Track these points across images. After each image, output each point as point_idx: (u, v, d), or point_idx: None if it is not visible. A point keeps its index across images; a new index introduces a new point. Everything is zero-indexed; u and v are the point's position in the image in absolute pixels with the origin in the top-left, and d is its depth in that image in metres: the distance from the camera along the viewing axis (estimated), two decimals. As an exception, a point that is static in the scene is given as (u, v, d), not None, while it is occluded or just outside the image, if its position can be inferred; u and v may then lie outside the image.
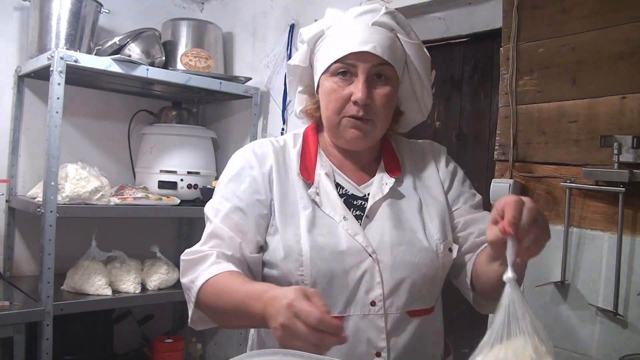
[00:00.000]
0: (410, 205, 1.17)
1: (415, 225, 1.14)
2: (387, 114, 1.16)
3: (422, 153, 1.29)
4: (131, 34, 2.30)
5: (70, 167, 2.17)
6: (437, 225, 1.15)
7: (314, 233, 1.10)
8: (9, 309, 1.89)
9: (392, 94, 1.14)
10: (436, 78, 2.38)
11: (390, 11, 1.16)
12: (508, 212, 0.87)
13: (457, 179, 1.25)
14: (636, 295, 1.43)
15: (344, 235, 1.10)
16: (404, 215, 1.15)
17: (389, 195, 1.17)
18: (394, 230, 1.12)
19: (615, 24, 1.49)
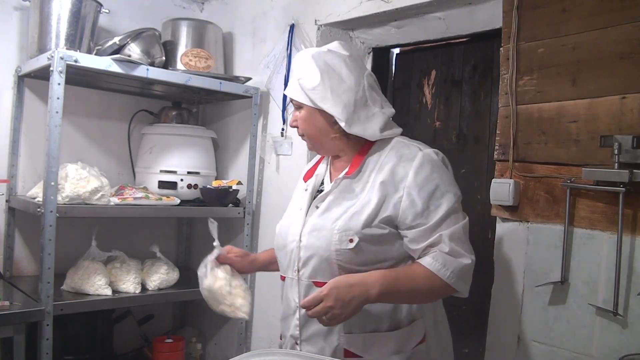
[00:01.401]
0: (346, 200, 1.43)
1: (333, 216, 1.41)
2: (310, 130, 1.49)
3: (399, 159, 1.43)
4: (131, 34, 2.30)
5: (70, 167, 2.17)
6: (347, 219, 1.39)
7: (284, 218, 1.58)
8: (9, 309, 1.89)
9: (305, 116, 1.48)
10: (436, 78, 2.38)
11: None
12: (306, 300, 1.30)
13: (421, 193, 1.38)
14: (636, 295, 1.43)
15: (294, 221, 1.51)
16: (334, 207, 1.44)
17: (336, 190, 1.46)
18: (317, 219, 1.44)
19: (615, 24, 1.49)
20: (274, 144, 2.52)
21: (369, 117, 1.45)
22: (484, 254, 2.10)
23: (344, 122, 1.42)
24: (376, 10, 2.12)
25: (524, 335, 1.66)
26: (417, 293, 1.36)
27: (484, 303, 1.82)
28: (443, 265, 1.33)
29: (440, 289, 1.35)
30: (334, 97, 1.41)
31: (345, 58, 1.47)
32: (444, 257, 1.33)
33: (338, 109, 1.41)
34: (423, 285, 1.34)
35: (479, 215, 2.16)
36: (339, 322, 1.30)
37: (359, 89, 1.45)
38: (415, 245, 1.37)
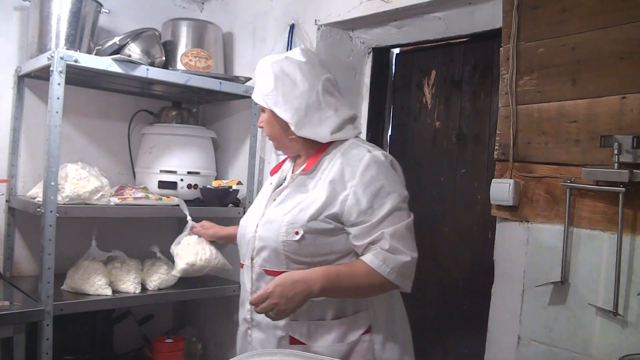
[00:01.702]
0: (299, 195, 1.53)
1: (285, 210, 1.51)
2: (271, 131, 1.60)
3: (348, 160, 1.51)
4: (131, 34, 2.30)
5: (70, 167, 2.16)
6: (296, 213, 1.48)
7: (249, 210, 1.69)
8: (9, 309, 1.89)
9: (267, 119, 1.59)
10: (436, 78, 2.38)
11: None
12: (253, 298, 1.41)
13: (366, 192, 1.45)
14: (636, 295, 1.43)
15: (254, 213, 1.62)
16: (287, 201, 1.54)
17: (292, 185, 1.57)
18: (271, 211, 1.55)
19: (615, 24, 1.50)
20: (274, 144, 2.51)
21: (321, 120, 1.53)
22: (484, 254, 2.10)
23: (293, 126, 1.51)
24: (376, 10, 2.12)
25: (524, 335, 1.66)
26: (358, 288, 1.45)
27: (484, 303, 1.82)
28: (383, 262, 1.41)
29: (381, 284, 1.44)
30: (285, 102, 1.51)
31: (302, 64, 1.56)
32: (384, 254, 1.42)
33: (288, 113, 1.51)
34: (364, 281, 1.43)
35: (479, 215, 2.16)
36: (286, 316, 1.41)
37: (312, 94, 1.53)
38: (358, 242, 1.46)
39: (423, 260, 2.35)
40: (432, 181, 2.35)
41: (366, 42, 2.51)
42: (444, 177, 2.31)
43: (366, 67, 2.55)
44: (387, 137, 2.57)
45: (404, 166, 2.45)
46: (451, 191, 2.28)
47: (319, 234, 1.47)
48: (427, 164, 2.38)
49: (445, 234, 2.28)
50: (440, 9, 2.05)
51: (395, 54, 2.57)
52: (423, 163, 2.39)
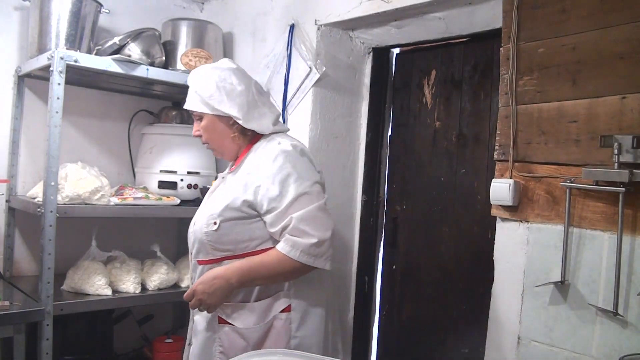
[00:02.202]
0: (225, 190, 1.68)
1: (210, 205, 1.68)
2: (212, 136, 1.74)
3: (261, 154, 1.66)
4: (131, 34, 2.30)
5: (70, 167, 2.17)
6: (217, 205, 1.65)
7: None
8: (9, 309, 1.89)
9: (206, 125, 1.72)
10: (436, 78, 2.38)
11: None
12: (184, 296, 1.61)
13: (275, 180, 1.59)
14: (636, 295, 1.43)
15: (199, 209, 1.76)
16: (217, 197, 1.69)
17: (223, 183, 1.74)
18: (203, 206, 1.74)
19: (615, 24, 1.49)
20: (274, 144, 2.52)
21: (261, 115, 1.72)
22: (484, 254, 2.10)
23: (241, 119, 1.67)
24: (376, 10, 2.12)
25: (524, 335, 1.66)
26: (276, 275, 1.59)
27: (484, 303, 1.82)
28: (292, 246, 1.54)
29: (296, 268, 1.56)
30: (229, 100, 1.67)
31: (234, 70, 1.74)
32: (293, 239, 1.55)
33: (235, 109, 1.67)
34: (278, 267, 1.57)
35: (479, 215, 2.16)
36: (214, 308, 1.60)
37: (249, 93, 1.71)
38: (273, 229, 1.59)
39: (423, 260, 2.36)
40: (432, 181, 2.35)
41: (366, 42, 2.51)
42: (444, 177, 2.31)
43: (366, 67, 2.55)
44: (387, 137, 2.57)
45: (404, 166, 2.47)
46: (451, 191, 2.28)
47: (236, 222, 1.61)
48: (427, 164, 2.38)
49: (445, 234, 2.28)
50: (440, 9, 2.05)
51: (395, 54, 2.57)
52: (423, 163, 2.39)
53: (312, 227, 1.56)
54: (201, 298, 1.57)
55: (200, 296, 1.57)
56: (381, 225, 2.58)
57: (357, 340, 2.56)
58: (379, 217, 2.58)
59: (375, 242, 2.59)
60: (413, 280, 2.40)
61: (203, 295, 1.57)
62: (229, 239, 1.63)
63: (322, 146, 2.42)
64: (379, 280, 2.58)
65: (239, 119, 1.68)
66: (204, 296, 1.57)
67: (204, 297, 1.57)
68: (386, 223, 2.55)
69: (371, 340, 2.58)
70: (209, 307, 1.59)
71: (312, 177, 1.64)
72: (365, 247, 2.56)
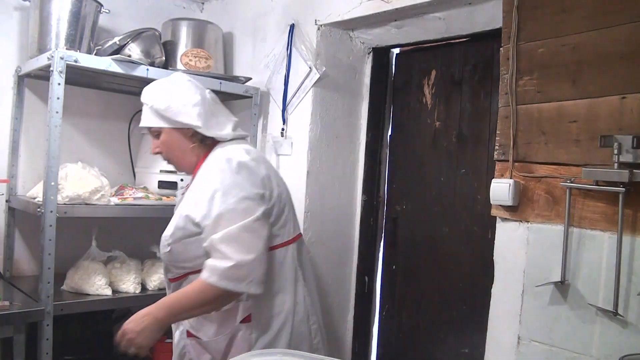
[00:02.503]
0: (179, 208, 1.67)
1: (168, 225, 1.65)
2: (171, 150, 1.71)
3: (204, 168, 1.65)
4: (131, 34, 2.30)
5: (70, 167, 2.16)
6: (170, 226, 1.64)
7: None
8: (9, 309, 1.89)
9: (165, 139, 1.70)
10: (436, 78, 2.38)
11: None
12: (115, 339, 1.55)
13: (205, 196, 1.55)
14: (636, 295, 1.43)
15: None
16: (174, 215, 1.66)
17: (181, 200, 1.74)
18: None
19: (615, 24, 1.49)
20: (274, 144, 2.52)
21: (219, 122, 1.70)
22: (484, 254, 2.10)
23: (202, 127, 1.65)
24: (376, 10, 2.12)
25: (524, 335, 1.66)
26: (200, 305, 1.53)
27: (484, 303, 1.82)
28: (210, 272, 1.48)
29: (218, 294, 1.49)
30: (187, 111, 1.65)
31: (188, 81, 1.74)
32: (211, 263, 1.49)
33: (193, 118, 1.65)
34: (201, 297, 1.51)
35: (479, 215, 2.16)
36: (145, 348, 1.53)
37: (205, 102, 1.70)
38: (205, 244, 1.54)
39: (423, 261, 2.36)
40: (432, 181, 2.35)
41: (366, 42, 2.51)
42: (444, 177, 2.31)
43: (366, 67, 2.55)
44: (387, 137, 2.58)
45: (404, 166, 2.47)
46: (451, 191, 2.28)
47: (187, 241, 1.58)
48: (427, 164, 2.38)
49: (445, 234, 2.28)
50: (440, 9, 2.05)
51: (395, 54, 2.57)
52: (423, 163, 2.39)
53: (231, 249, 1.47)
54: (130, 337, 1.51)
55: (130, 335, 1.51)
56: (381, 225, 2.58)
57: (357, 340, 2.56)
58: (379, 217, 2.58)
59: (375, 242, 2.59)
60: (413, 280, 2.40)
61: (132, 334, 1.51)
62: (185, 257, 1.61)
63: (322, 146, 2.42)
64: (379, 280, 2.58)
65: (199, 128, 1.65)
66: (132, 335, 1.51)
67: (133, 335, 1.51)
68: (386, 223, 2.55)
69: (371, 340, 2.58)
70: (140, 347, 1.53)
71: (241, 192, 1.53)
72: (365, 247, 2.56)
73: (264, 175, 1.61)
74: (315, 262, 2.41)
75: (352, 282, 2.55)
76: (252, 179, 1.58)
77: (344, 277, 2.53)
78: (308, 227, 2.38)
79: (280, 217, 1.65)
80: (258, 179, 1.59)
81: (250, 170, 1.58)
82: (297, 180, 2.40)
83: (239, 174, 1.56)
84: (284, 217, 1.66)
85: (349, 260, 2.54)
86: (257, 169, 1.60)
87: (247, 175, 1.57)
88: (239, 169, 1.57)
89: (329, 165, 2.45)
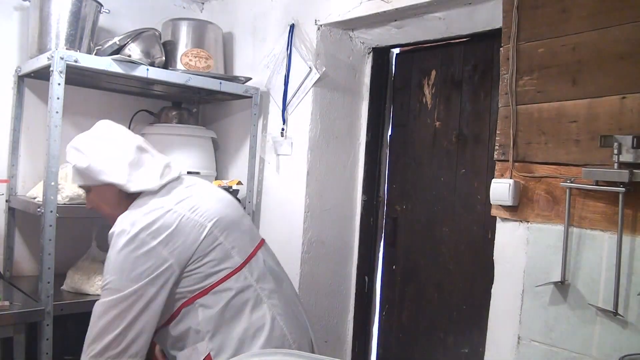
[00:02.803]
0: None
1: None
2: (103, 206, 1.67)
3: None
4: (131, 34, 2.30)
5: (70, 167, 2.16)
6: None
7: None
8: (9, 309, 1.89)
9: (94, 196, 1.67)
10: (436, 78, 2.38)
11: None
12: None
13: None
14: (636, 295, 1.43)
15: None
16: None
17: None
18: None
19: (616, 24, 1.49)
20: (274, 144, 2.52)
21: (146, 172, 1.61)
22: (484, 254, 2.10)
23: (125, 185, 1.57)
24: (376, 10, 2.12)
25: (524, 335, 1.66)
26: None
27: (484, 303, 1.82)
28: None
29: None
30: (108, 169, 1.58)
31: (109, 134, 1.66)
32: None
33: (115, 176, 1.58)
34: None
35: (479, 215, 2.16)
36: None
37: (128, 154, 1.60)
38: None
39: (423, 260, 2.36)
40: (432, 181, 2.35)
41: (366, 42, 2.51)
42: (444, 177, 2.31)
43: (366, 67, 2.55)
44: (387, 137, 2.58)
45: (404, 166, 2.47)
46: (451, 191, 2.28)
47: None
48: (427, 164, 2.38)
49: (445, 234, 2.28)
50: (440, 9, 2.05)
51: (395, 54, 2.57)
52: (423, 163, 2.39)
53: (87, 343, 1.55)
54: None
55: None
56: (381, 225, 2.58)
57: (357, 340, 2.56)
58: (379, 217, 2.58)
59: (375, 242, 2.59)
60: (413, 280, 2.40)
61: None
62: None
63: (322, 146, 2.42)
64: (379, 280, 2.58)
65: (122, 186, 1.58)
66: None
67: None
68: (386, 223, 2.55)
69: (371, 340, 2.58)
70: None
71: (110, 277, 1.50)
72: (365, 247, 2.56)
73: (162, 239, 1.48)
74: (315, 262, 2.41)
75: (352, 282, 2.55)
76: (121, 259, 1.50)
77: (344, 277, 2.53)
78: (308, 227, 2.38)
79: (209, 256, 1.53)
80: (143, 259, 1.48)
81: (129, 247, 1.50)
82: (297, 180, 2.40)
83: (120, 250, 1.51)
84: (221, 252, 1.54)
85: (349, 260, 2.54)
86: (149, 243, 1.48)
87: (123, 252, 1.50)
88: (127, 245, 1.50)
89: (329, 165, 2.45)
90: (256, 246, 1.66)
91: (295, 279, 2.37)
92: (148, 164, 1.64)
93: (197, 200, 1.59)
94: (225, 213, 1.61)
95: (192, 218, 1.53)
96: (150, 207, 1.54)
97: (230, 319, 1.52)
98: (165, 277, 1.47)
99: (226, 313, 1.52)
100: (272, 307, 1.58)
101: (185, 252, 1.50)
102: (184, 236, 1.50)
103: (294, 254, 2.39)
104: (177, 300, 1.51)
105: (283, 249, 2.45)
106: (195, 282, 1.51)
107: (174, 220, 1.51)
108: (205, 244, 1.52)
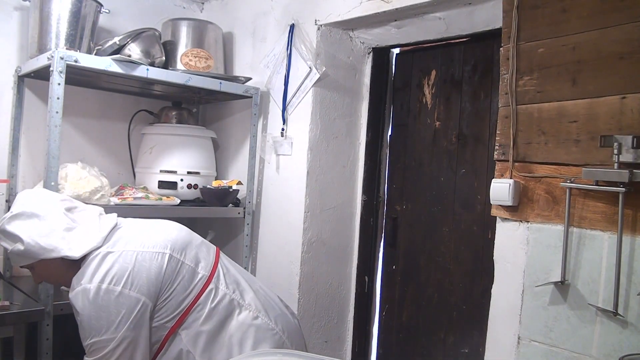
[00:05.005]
0: None
1: None
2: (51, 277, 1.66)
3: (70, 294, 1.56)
4: (131, 34, 2.30)
5: (70, 167, 2.16)
6: None
7: None
8: (9, 309, 1.89)
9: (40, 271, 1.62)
10: (436, 78, 2.38)
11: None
12: None
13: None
14: (636, 295, 1.43)
15: None
16: None
17: None
18: None
19: (615, 24, 1.49)
20: (274, 144, 2.52)
21: (85, 230, 1.57)
22: (484, 254, 2.10)
23: (69, 254, 1.53)
24: (376, 10, 2.12)
25: (524, 335, 1.66)
26: None
27: (484, 303, 1.82)
28: None
29: None
30: (46, 245, 1.52)
31: (29, 207, 1.56)
32: None
33: (56, 250, 1.53)
34: None
35: (479, 215, 2.16)
36: None
37: (59, 220, 1.56)
38: None
39: (423, 261, 2.36)
40: (432, 181, 2.35)
41: (366, 42, 2.51)
42: (444, 177, 2.31)
43: (366, 67, 2.55)
44: (387, 137, 2.58)
45: (404, 166, 2.47)
46: (451, 191, 2.28)
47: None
48: (427, 164, 2.38)
49: (445, 234, 2.28)
50: (440, 9, 2.05)
51: (395, 54, 2.57)
52: (423, 163, 2.39)
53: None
54: None
55: None
56: (381, 225, 2.58)
57: (357, 340, 2.56)
58: (379, 217, 2.58)
59: (375, 242, 2.59)
60: (413, 280, 2.40)
61: None
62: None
63: (322, 146, 2.42)
64: (379, 280, 2.58)
65: (67, 256, 1.53)
66: None
67: None
68: (386, 223, 2.55)
69: (371, 340, 2.58)
70: None
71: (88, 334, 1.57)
72: (365, 247, 2.56)
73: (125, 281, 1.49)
74: (315, 263, 2.41)
75: (352, 282, 2.55)
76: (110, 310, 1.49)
77: (344, 277, 2.53)
78: (308, 227, 2.38)
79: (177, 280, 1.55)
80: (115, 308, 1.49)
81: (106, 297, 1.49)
82: (297, 180, 2.40)
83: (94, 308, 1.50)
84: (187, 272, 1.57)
85: (349, 260, 2.54)
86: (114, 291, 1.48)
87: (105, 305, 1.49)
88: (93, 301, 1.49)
89: (329, 165, 2.45)
90: (215, 256, 1.69)
91: (295, 279, 2.37)
92: (82, 221, 1.60)
93: (144, 235, 1.60)
94: (175, 237, 1.63)
95: (147, 252, 1.54)
96: (101, 258, 1.52)
97: (215, 330, 1.56)
98: (144, 316, 1.50)
99: (209, 327, 1.55)
100: (251, 307, 1.62)
101: (153, 285, 1.51)
102: (146, 271, 1.51)
103: (294, 254, 2.39)
104: (159, 333, 1.54)
105: (283, 249, 2.45)
106: (172, 310, 1.54)
107: (130, 260, 1.52)
108: (169, 269, 1.54)
